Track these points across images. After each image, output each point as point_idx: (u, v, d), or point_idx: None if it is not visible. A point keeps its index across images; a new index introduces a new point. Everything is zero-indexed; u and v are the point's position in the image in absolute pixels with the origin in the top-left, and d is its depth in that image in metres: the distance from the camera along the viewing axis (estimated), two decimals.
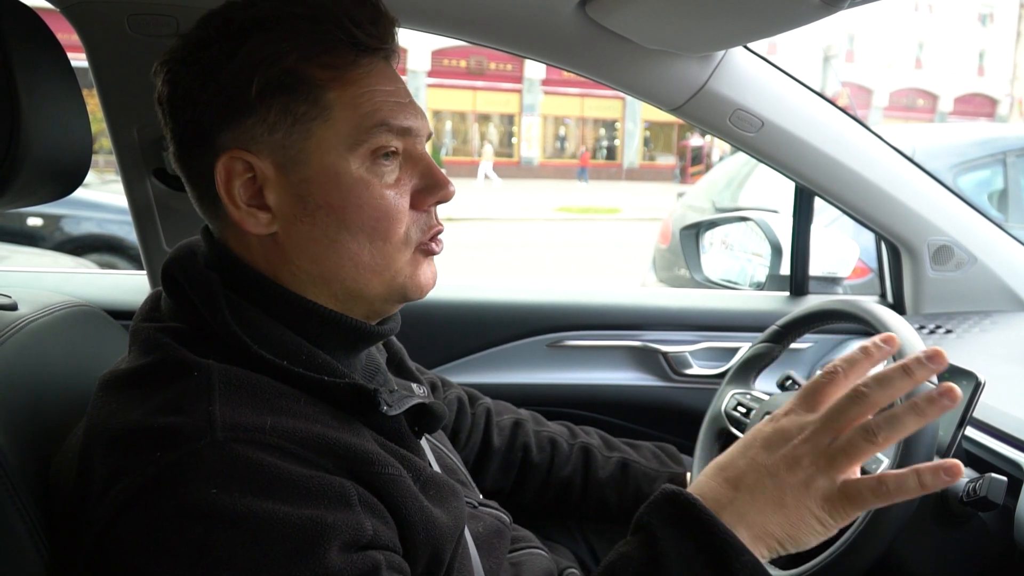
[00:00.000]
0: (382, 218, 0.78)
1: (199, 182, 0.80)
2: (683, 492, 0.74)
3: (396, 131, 0.79)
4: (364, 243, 0.78)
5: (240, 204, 0.77)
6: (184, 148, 0.79)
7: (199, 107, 0.76)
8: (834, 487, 0.70)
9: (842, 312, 1.19)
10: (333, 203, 0.77)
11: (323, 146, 0.77)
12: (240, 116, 0.76)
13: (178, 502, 0.64)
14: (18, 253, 5.01)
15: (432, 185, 0.82)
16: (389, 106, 0.79)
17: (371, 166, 0.78)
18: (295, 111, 0.76)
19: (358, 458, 0.72)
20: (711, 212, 4.55)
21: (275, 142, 0.76)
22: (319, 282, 0.80)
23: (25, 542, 0.74)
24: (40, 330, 0.94)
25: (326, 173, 0.77)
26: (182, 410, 0.69)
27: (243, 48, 0.75)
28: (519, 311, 1.74)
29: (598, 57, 1.43)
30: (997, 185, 3.79)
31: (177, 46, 0.78)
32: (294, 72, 0.75)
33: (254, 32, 0.75)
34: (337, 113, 0.77)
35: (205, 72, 0.75)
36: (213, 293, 0.76)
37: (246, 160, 0.76)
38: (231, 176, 0.77)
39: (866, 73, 34.39)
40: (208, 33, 0.77)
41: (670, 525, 0.72)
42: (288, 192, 0.77)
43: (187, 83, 0.76)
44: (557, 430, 1.33)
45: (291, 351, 0.76)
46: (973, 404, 1.07)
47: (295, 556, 0.64)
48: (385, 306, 0.84)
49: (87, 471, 0.71)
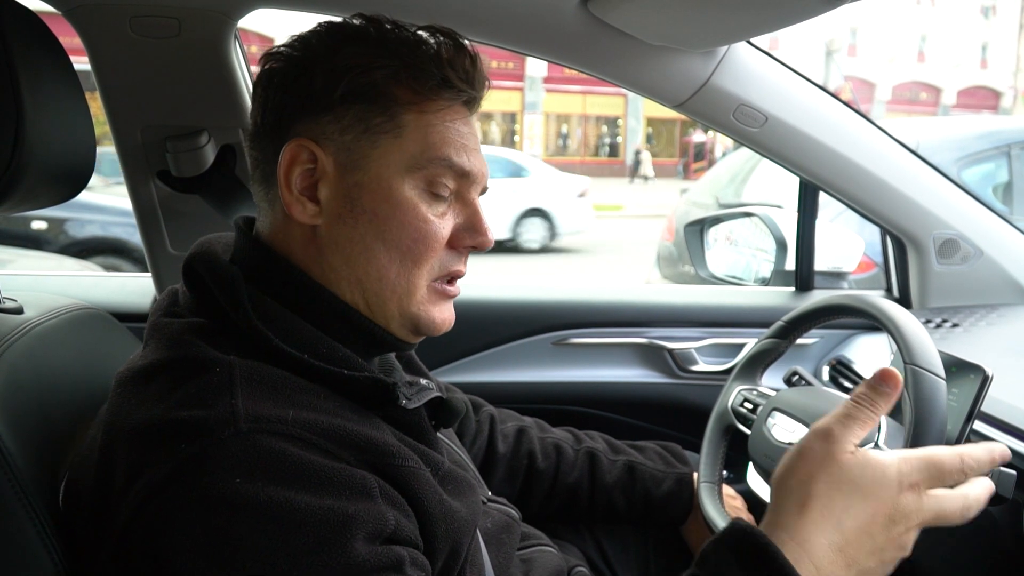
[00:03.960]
0: (419, 240, 0.81)
1: (264, 164, 0.84)
2: (757, 534, 0.71)
3: (456, 170, 0.83)
4: (395, 259, 0.81)
5: (294, 190, 0.81)
6: (262, 129, 0.84)
7: (287, 94, 0.81)
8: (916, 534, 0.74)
9: (848, 307, 1.19)
10: (378, 212, 0.81)
11: (385, 159, 0.81)
12: (319, 111, 0.80)
13: (202, 492, 0.65)
14: (23, 257, 5.02)
15: (474, 230, 0.86)
16: (456, 145, 0.83)
17: (422, 192, 0.82)
18: (370, 120, 0.80)
19: (378, 451, 0.73)
20: (715, 208, 4.54)
21: (343, 143, 0.81)
22: (345, 283, 0.82)
23: (36, 545, 0.74)
24: (46, 333, 0.94)
25: (380, 183, 0.81)
26: (205, 404, 0.69)
27: (340, 52, 0.81)
28: (524, 309, 1.74)
29: (600, 54, 1.43)
30: (1002, 178, 3.78)
31: (292, 37, 0.85)
32: (379, 86, 0.80)
33: (354, 41, 0.82)
34: (408, 134, 0.81)
35: (301, 65, 0.81)
36: (235, 287, 0.78)
37: (312, 151, 0.80)
38: (294, 162, 0.81)
39: (869, 67, 34.31)
40: (316, 32, 0.84)
41: (740, 567, 0.70)
42: (340, 191, 0.81)
43: (283, 71, 0.82)
44: (561, 436, 1.32)
45: (312, 345, 0.78)
46: (981, 398, 1.06)
47: (319, 546, 0.65)
48: (401, 332, 0.86)
49: (108, 467, 0.72)
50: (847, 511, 0.72)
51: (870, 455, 0.75)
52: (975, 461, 0.76)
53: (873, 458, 0.74)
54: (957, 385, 1.10)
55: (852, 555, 0.71)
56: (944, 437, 0.98)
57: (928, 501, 0.74)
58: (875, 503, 0.72)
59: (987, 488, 0.77)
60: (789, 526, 0.72)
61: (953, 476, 0.75)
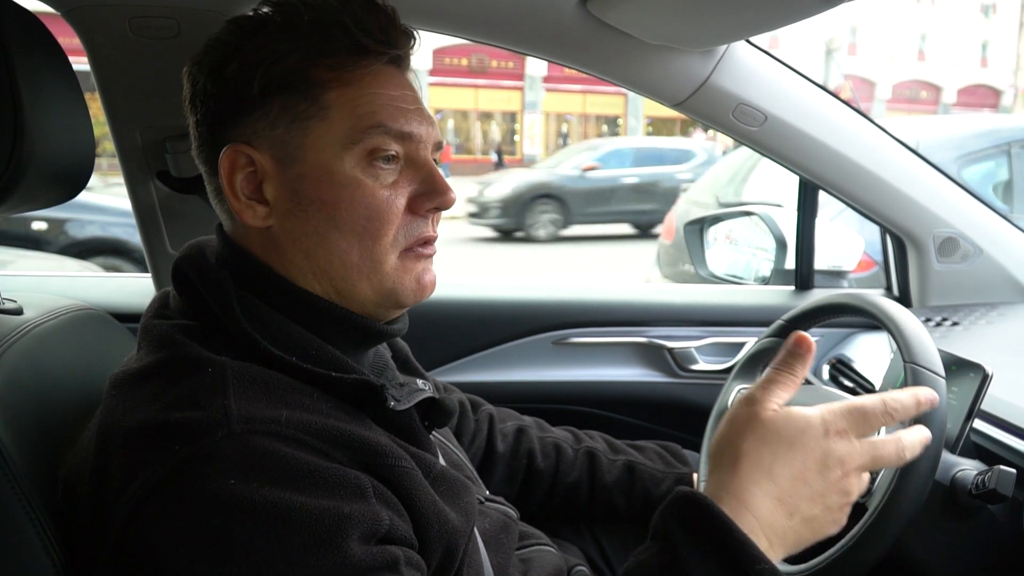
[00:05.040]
0: (373, 217, 0.79)
1: (211, 177, 0.84)
2: (698, 497, 0.74)
3: (394, 135, 0.80)
4: (353, 242, 0.80)
5: (240, 196, 0.80)
6: (199, 141, 0.83)
7: (209, 104, 0.80)
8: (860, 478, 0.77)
9: (848, 306, 1.19)
10: (325, 199, 0.79)
11: (319, 144, 0.79)
12: (244, 112, 0.79)
13: (197, 494, 0.65)
14: (23, 257, 5.01)
15: (431, 191, 0.83)
16: (389, 110, 0.80)
17: (366, 167, 0.80)
18: (295, 108, 0.79)
19: (372, 451, 0.73)
20: (715, 207, 4.54)
21: (275, 137, 0.79)
22: (311, 277, 0.82)
23: (36, 546, 0.74)
24: (46, 334, 0.94)
25: (320, 170, 0.79)
26: (198, 405, 0.69)
27: (247, 47, 0.79)
28: (524, 309, 1.74)
29: (600, 53, 1.43)
30: (1002, 176, 3.77)
31: (200, 49, 0.83)
32: (296, 71, 0.79)
33: (260, 32, 0.80)
34: (335, 113, 0.79)
35: (214, 70, 0.80)
36: (224, 289, 0.78)
37: (247, 154, 0.79)
38: (234, 169, 0.80)
39: (869, 66, 34.27)
40: (221, 34, 0.82)
41: (687, 531, 0.73)
42: (284, 186, 0.80)
43: (200, 82, 0.81)
44: (561, 435, 1.32)
45: (300, 346, 0.77)
46: (981, 396, 1.06)
47: (314, 546, 0.65)
48: (379, 310, 0.84)
49: (103, 470, 0.72)
50: (776, 462, 0.75)
51: (792, 410, 0.77)
52: (899, 404, 0.78)
53: (796, 412, 0.77)
54: (957, 384, 1.10)
55: (791, 503, 0.74)
56: (944, 435, 0.98)
57: (860, 446, 0.76)
58: (803, 451, 0.75)
59: (922, 434, 0.80)
60: (725, 484, 0.75)
61: (879, 419, 0.78)
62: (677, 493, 0.76)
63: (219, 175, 0.80)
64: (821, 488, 0.75)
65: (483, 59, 27.63)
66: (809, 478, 0.75)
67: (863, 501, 1.03)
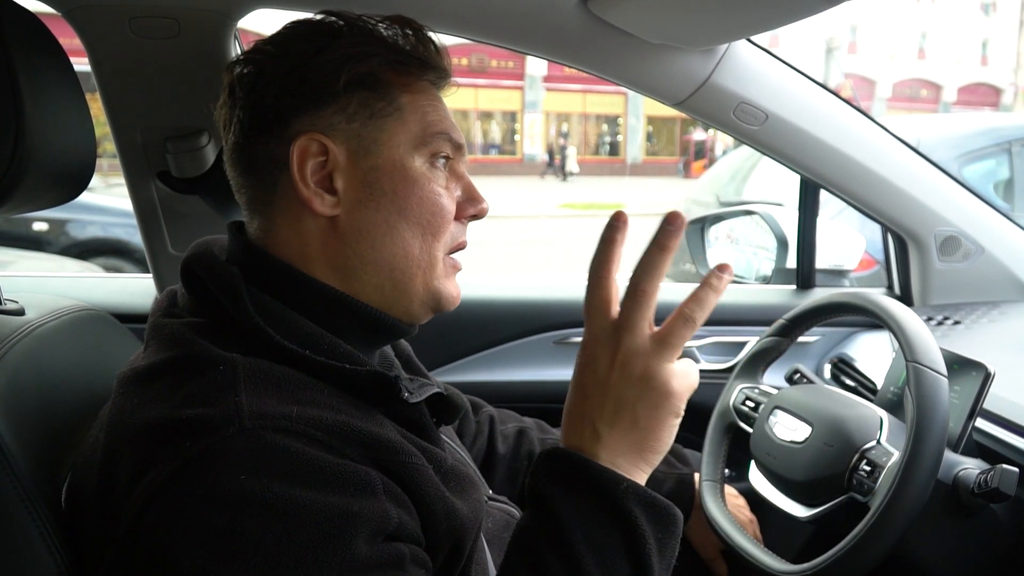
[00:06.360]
0: (437, 213, 0.84)
1: (258, 168, 0.84)
2: (551, 449, 0.77)
3: (453, 143, 0.87)
4: (417, 234, 0.84)
5: (310, 184, 0.81)
6: (255, 131, 0.83)
7: (281, 93, 0.82)
8: (672, 368, 0.74)
9: (849, 305, 1.19)
10: (398, 191, 0.83)
11: (394, 141, 0.83)
12: (322, 104, 0.82)
13: (207, 489, 0.65)
14: (24, 258, 5.02)
15: (472, 199, 0.90)
16: (448, 122, 0.88)
17: (430, 167, 0.85)
18: (373, 106, 0.83)
19: (383, 447, 0.74)
20: (716, 207, 4.53)
21: (351, 131, 0.82)
22: (371, 269, 0.83)
23: (38, 546, 0.74)
24: (47, 335, 0.94)
25: (394, 164, 0.83)
26: (209, 402, 0.69)
27: (333, 45, 0.83)
28: (525, 308, 1.74)
29: (600, 53, 1.43)
30: (1003, 175, 3.77)
31: (255, 46, 0.86)
32: (375, 73, 0.83)
33: (344, 33, 0.84)
34: (408, 115, 0.85)
35: (293, 62, 0.82)
36: (235, 285, 0.78)
37: (322, 143, 0.82)
38: (305, 157, 0.81)
39: (869, 64, 34.28)
40: (298, 31, 0.85)
41: (556, 482, 0.75)
42: (356, 178, 0.83)
43: (272, 70, 0.82)
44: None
45: (313, 340, 0.78)
46: (983, 395, 1.06)
47: (322, 543, 0.65)
48: (420, 310, 0.87)
49: (112, 467, 0.72)
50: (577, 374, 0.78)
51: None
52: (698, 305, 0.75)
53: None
54: (959, 382, 1.10)
55: (590, 420, 0.76)
56: (946, 435, 0.98)
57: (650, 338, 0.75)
58: (574, 378, 0.78)
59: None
60: (568, 437, 0.78)
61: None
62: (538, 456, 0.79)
63: (290, 162, 0.81)
64: (617, 380, 0.74)
65: (483, 58, 27.64)
66: (599, 376, 0.75)
67: (865, 500, 1.03)
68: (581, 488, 0.73)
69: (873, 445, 1.07)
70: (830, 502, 1.08)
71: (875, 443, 1.07)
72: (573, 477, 0.74)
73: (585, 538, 0.72)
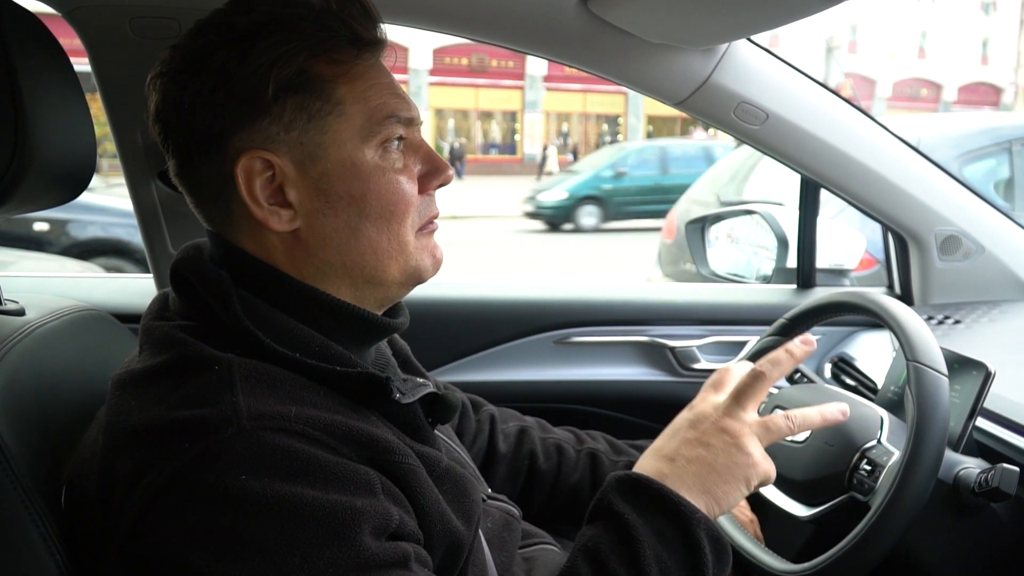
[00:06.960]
0: (398, 202, 0.81)
1: (207, 189, 0.81)
2: (630, 473, 0.88)
3: (403, 122, 0.82)
4: (383, 229, 0.81)
5: (263, 203, 0.78)
6: (193, 155, 0.79)
7: (210, 112, 0.76)
8: (759, 444, 0.89)
9: (850, 304, 1.19)
10: (354, 192, 0.79)
11: (339, 139, 0.79)
12: (255, 117, 0.77)
13: (208, 490, 0.65)
14: (24, 258, 5.02)
15: (434, 169, 0.86)
16: (394, 99, 0.82)
17: (383, 155, 0.81)
18: (310, 108, 0.78)
19: (379, 447, 0.73)
20: (716, 206, 4.53)
21: (292, 140, 0.78)
22: (341, 272, 0.82)
23: (39, 547, 0.74)
24: (48, 335, 0.94)
25: (344, 165, 0.79)
26: (207, 402, 0.69)
27: (253, 51, 0.75)
28: (525, 308, 1.74)
29: (600, 52, 1.43)
30: (1003, 174, 3.77)
31: (172, 57, 0.78)
32: (305, 71, 0.77)
33: (261, 34, 0.76)
34: (349, 108, 0.79)
35: (215, 77, 0.76)
36: (224, 289, 0.77)
37: (265, 159, 0.77)
38: (251, 176, 0.78)
39: (869, 63, 34.27)
40: (209, 40, 0.77)
41: (628, 502, 0.85)
42: (308, 187, 0.79)
43: (194, 90, 0.76)
44: (563, 436, 1.32)
45: (304, 343, 0.77)
46: (984, 394, 1.06)
47: (327, 540, 0.65)
48: (400, 291, 0.86)
49: (110, 470, 0.71)
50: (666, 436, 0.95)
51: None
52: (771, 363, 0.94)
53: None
54: (960, 382, 1.09)
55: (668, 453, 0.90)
56: (947, 434, 0.98)
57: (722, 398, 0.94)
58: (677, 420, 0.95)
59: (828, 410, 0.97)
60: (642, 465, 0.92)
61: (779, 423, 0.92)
62: (612, 477, 0.89)
63: (236, 185, 0.77)
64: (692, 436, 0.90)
65: (483, 58, 27.62)
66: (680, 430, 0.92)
67: (866, 500, 1.03)
68: (656, 509, 0.84)
69: (874, 444, 1.07)
70: (831, 501, 1.08)
71: (876, 442, 1.07)
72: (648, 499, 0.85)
73: (654, 554, 0.81)
